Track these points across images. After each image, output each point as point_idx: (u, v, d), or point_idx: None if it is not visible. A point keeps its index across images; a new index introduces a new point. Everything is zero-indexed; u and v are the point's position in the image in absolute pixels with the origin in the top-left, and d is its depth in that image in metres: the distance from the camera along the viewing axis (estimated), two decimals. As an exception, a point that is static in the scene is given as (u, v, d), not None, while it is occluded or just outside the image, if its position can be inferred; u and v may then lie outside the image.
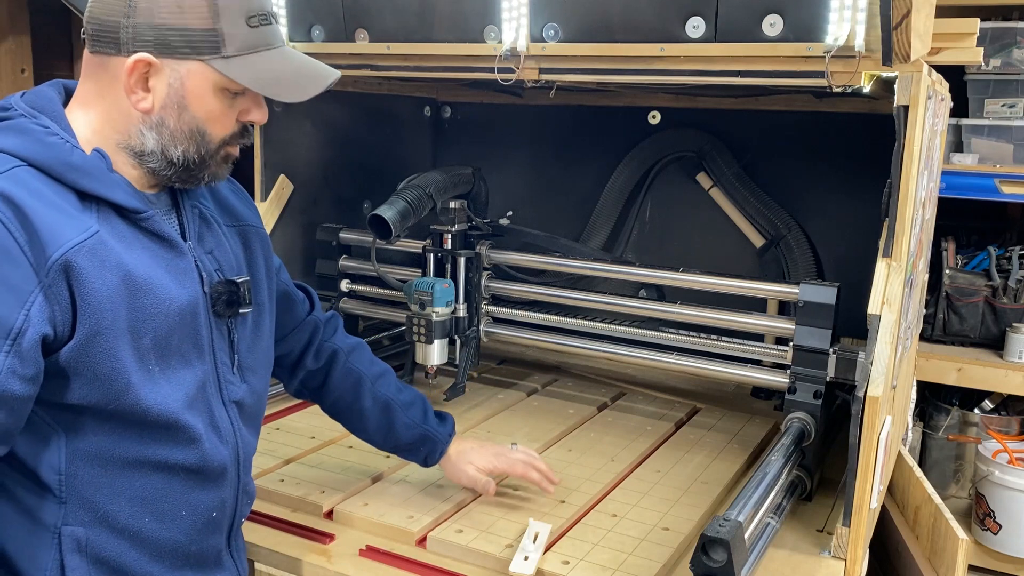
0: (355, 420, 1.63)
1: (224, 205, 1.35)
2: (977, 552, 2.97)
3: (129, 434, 1.15)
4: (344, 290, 2.45)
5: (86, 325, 1.07)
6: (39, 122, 1.12)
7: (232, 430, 1.28)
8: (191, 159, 1.18)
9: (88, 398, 1.10)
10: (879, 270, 1.55)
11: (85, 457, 1.13)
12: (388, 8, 1.88)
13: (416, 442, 1.63)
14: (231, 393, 1.28)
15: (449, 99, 2.87)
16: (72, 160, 1.10)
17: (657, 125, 2.58)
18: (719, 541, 1.20)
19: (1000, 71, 3.07)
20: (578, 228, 2.66)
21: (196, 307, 1.21)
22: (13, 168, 1.07)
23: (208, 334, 1.24)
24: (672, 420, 2.17)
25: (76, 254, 1.06)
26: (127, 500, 1.16)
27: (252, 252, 1.36)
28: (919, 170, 1.59)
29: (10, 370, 1.02)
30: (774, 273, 2.44)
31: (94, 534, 1.15)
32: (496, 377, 2.48)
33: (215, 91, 1.16)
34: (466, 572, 1.47)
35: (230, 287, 1.26)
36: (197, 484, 1.23)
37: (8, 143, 1.09)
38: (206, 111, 1.17)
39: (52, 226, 1.05)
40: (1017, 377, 2.96)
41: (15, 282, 1.02)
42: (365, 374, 1.61)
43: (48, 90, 1.18)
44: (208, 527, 1.26)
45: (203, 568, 1.27)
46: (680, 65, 1.66)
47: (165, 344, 1.16)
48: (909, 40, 1.42)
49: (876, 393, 1.46)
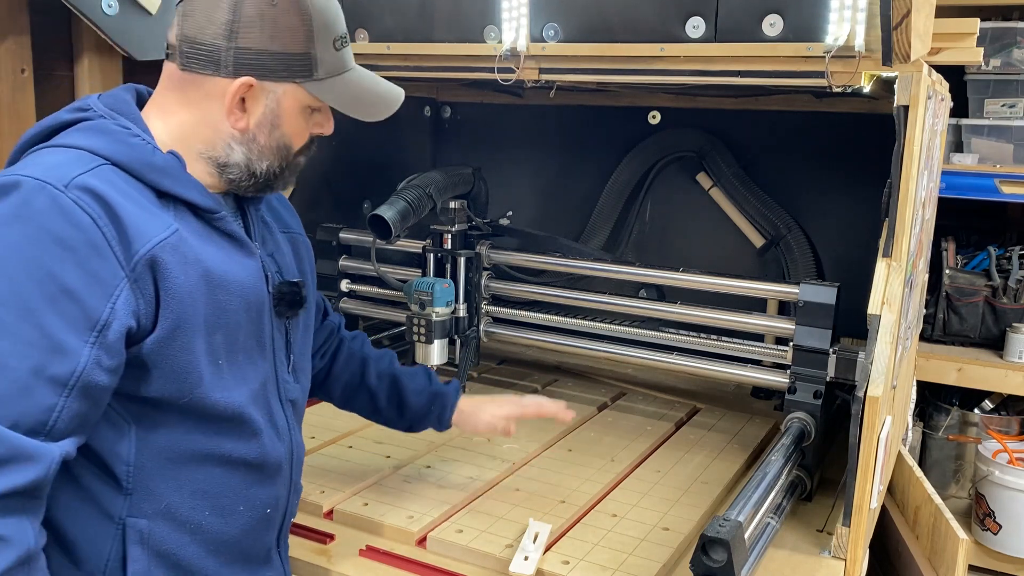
0: (366, 400, 1.66)
1: (274, 212, 1.40)
2: (977, 552, 2.97)
3: (197, 428, 1.18)
4: (344, 290, 2.45)
5: (168, 319, 1.10)
6: (119, 123, 1.15)
7: (288, 428, 1.32)
8: (273, 171, 1.25)
9: (163, 391, 1.13)
10: (879, 270, 1.55)
11: (154, 450, 1.16)
12: (388, 8, 1.88)
13: (428, 404, 1.66)
14: (288, 392, 1.32)
15: (449, 99, 2.87)
16: (154, 160, 1.13)
17: (657, 125, 2.58)
18: (719, 541, 1.20)
19: (1000, 71, 3.07)
20: (578, 228, 2.66)
21: (263, 306, 1.25)
22: (99, 166, 1.10)
23: (270, 333, 1.28)
24: (672, 420, 2.17)
25: (161, 250, 1.09)
26: (189, 493, 1.19)
27: (301, 259, 1.41)
28: (919, 170, 1.59)
29: (96, 361, 1.05)
30: (774, 273, 2.44)
31: (156, 526, 1.17)
32: (496, 377, 2.48)
33: (302, 110, 1.22)
34: (466, 572, 1.47)
35: (292, 288, 1.30)
36: (255, 480, 1.26)
37: (92, 142, 1.12)
38: (293, 128, 1.23)
39: (138, 222, 1.08)
40: (1017, 377, 2.96)
41: (103, 276, 1.05)
42: (368, 355, 1.66)
43: (124, 93, 1.22)
44: (262, 523, 1.29)
45: (254, 564, 1.30)
46: (680, 65, 1.66)
47: (234, 340, 1.20)
48: (909, 40, 1.42)
49: (876, 393, 1.46)
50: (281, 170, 1.25)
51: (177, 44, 1.17)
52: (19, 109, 1.81)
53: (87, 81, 1.95)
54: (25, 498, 1.02)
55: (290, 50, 1.17)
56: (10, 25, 1.77)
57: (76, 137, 1.13)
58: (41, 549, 1.05)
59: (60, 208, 1.03)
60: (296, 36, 1.16)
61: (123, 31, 1.85)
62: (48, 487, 1.05)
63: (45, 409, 1.02)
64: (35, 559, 1.03)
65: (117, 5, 1.82)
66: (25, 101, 1.82)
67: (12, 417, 1.00)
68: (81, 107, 1.18)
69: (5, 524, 1.00)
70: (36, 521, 1.04)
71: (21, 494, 1.01)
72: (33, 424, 1.02)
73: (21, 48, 1.80)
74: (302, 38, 1.17)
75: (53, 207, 1.03)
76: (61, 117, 1.16)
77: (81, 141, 1.12)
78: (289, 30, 1.16)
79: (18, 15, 1.79)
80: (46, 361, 1.02)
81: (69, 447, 1.06)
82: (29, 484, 1.01)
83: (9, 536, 1.00)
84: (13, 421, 1.00)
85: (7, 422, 1.00)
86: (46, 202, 1.03)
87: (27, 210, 1.03)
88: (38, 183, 1.04)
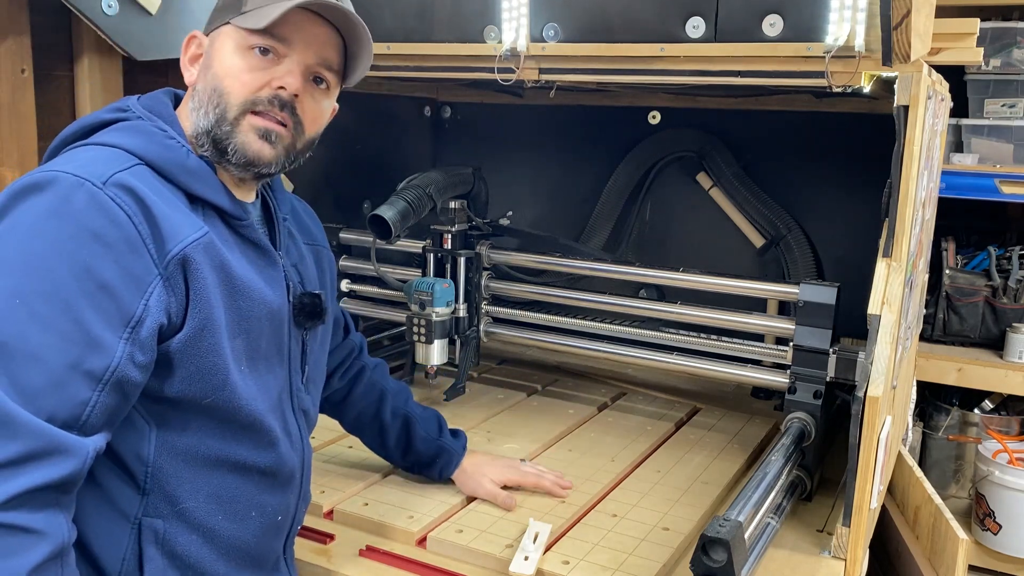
0: (375, 434, 1.70)
1: (301, 223, 1.41)
2: (977, 552, 2.97)
3: (216, 432, 1.19)
4: (344, 290, 2.45)
5: (196, 318, 1.11)
6: (156, 125, 1.17)
7: (300, 437, 1.33)
8: (211, 122, 1.17)
9: (187, 391, 1.14)
10: (879, 270, 1.55)
11: (172, 451, 1.16)
12: (388, 8, 1.88)
13: (432, 455, 1.70)
14: (301, 402, 1.33)
15: (449, 99, 2.87)
16: (188, 164, 1.15)
17: (657, 125, 2.58)
18: (719, 541, 1.20)
19: (1000, 71, 3.07)
20: (578, 228, 2.66)
21: (283, 315, 1.26)
22: (135, 165, 1.11)
23: (288, 343, 1.28)
24: (672, 420, 2.17)
25: (194, 250, 1.10)
26: (204, 497, 1.19)
27: (323, 271, 1.42)
28: (919, 170, 1.59)
29: (129, 357, 1.05)
30: (774, 273, 2.44)
31: (171, 527, 1.17)
32: (496, 377, 2.48)
33: (236, 49, 1.19)
34: (466, 572, 1.47)
35: (313, 299, 1.31)
36: (268, 487, 1.26)
37: (129, 142, 1.13)
38: (225, 67, 1.18)
39: (172, 221, 1.09)
40: (1017, 377, 2.96)
41: (137, 272, 1.06)
42: (387, 389, 1.69)
43: (162, 96, 1.24)
44: (272, 530, 1.29)
45: (263, 570, 1.30)
46: (680, 65, 1.66)
47: (255, 347, 1.21)
48: (909, 40, 1.42)
49: (876, 393, 1.46)
50: (220, 118, 1.17)
51: None
52: (19, 109, 1.80)
53: (87, 81, 1.94)
54: (59, 492, 1.02)
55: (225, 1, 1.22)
56: (10, 25, 1.77)
57: (114, 136, 1.14)
58: (72, 545, 1.05)
59: (98, 204, 1.04)
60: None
61: (123, 31, 1.85)
62: (81, 481, 1.05)
63: (79, 403, 1.03)
64: (67, 553, 1.04)
65: (117, 5, 1.82)
66: (25, 101, 1.82)
67: (48, 410, 1.01)
68: (121, 107, 1.20)
69: (40, 517, 1.00)
70: (69, 515, 1.05)
71: (56, 488, 1.01)
72: (68, 418, 1.02)
73: (21, 48, 1.80)
74: None
75: (91, 203, 1.04)
76: (101, 116, 1.18)
77: (119, 140, 1.13)
78: None
79: (18, 15, 1.79)
80: (82, 355, 1.02)
81: (100, 442, 1.06)
82: (65, 478, 1.01)
83: (44, 529, 1.00)
84: (49, 414, 1.01)
85: (44, 415, 1.00)
86: (84, 198, 1.04)
87: (66, 206, 1.04)
88: (76, 179, 1.05)
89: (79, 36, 1.92)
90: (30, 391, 1.00)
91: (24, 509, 0.98)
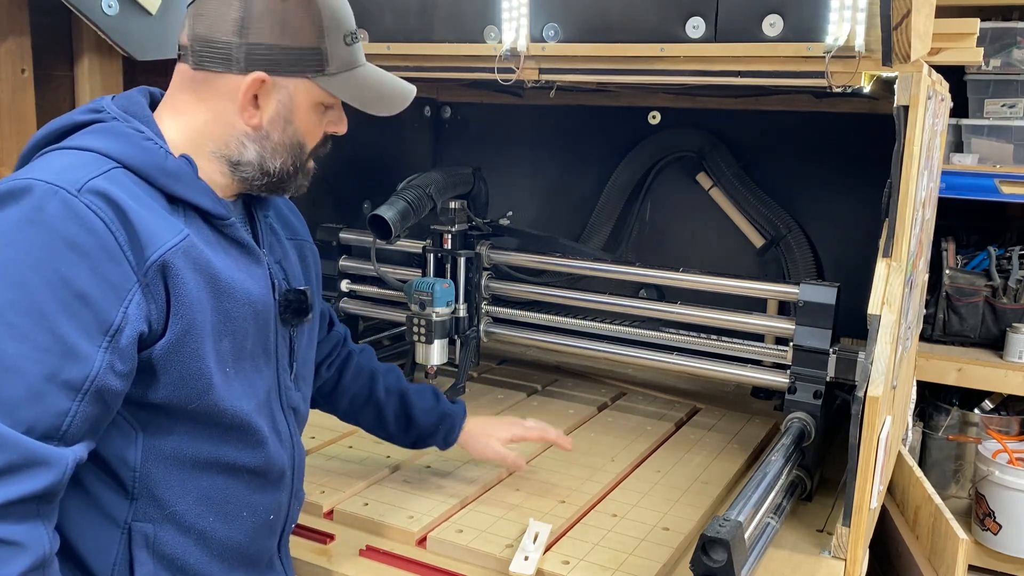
0: (373, 415, 1.67)
1: (284, 219, 1.40)
2: (977, 552, 2.97)
3: (203, 435, 1.18)
4: (344, 290, 2.45)
5: (178, 324, 1.10)
6: (132, 126, 1.14)
7: (290, 435, 1.32)
8: (287, 170, 1.24)
9: (171, 397, 1.13)
10: (879, 270, 1.55)
11: (159, 455, 1.16)
12: (388, 8, 1.88)
13: (435, 423, 1.68)
14: (290, 399, 1.32)
15: (449, 99, 2.87)
16: (166, 165, 1.13)
17: (657, 125, 2.58)
18: (719, 541, 1.21)
19: (1000, 71, 3.07)
20: (578, 228, 2.66)
21: (269, 314, 1.25)
22: (111, 169, 1.09)
23: (275, 341, 1.28)
24: (672, 420, 2.17)
25: (173, 255, 1.09)
26: (194, 499, 1.19)
27: (307, 266, 1.41)
28: (919, 170, 1.59)
29: (108, 366, 1.04)
30: (774, 273, 2.44)
31: (161, 531, 1.17)
32: (496, 377, 2.48)
33: (315, 106, 1.22)
34: (466, 572, 1.47)
35: (299, 296, 1.30)
36: (259, 487, 1.26)
37: (104, 145, 1.11)
38: (306, 125, 1.23)
39: (150, 227, 1.07)
40: (1017, 377, 2.96)
41: (115, 280, 1.04)
42: (376, 369, 1.67)
43: (138, 96, 1.21)
44: (264, 529, 1.29)
45: (257, 570, 1.30)
46: (680, 65, 1.66)
47: (241, 349, 1.20)
48: (909, 40, 1.42)
49: (876, 393, 1.46)
50: (295, 169, 1.24)
51: (189, 44, 1.17)
52: (19, 109, 1.81)
53: (87, 81, 1.95)
54: (40, 503, 1.02)
55: (301, 45, 1.17)
56: (10, 25, 1.77)
57: (89, 139, 1.12)
58: (55, 554, 1.04)
59: (73, 213, 1.03)
60: (306, 31, 1.17)
61: (123, 31, 1.85)
62: (62, 492, 1.05)
63: (58, 414, 1.02)
64: (49, 564, 1.03)
65: (117, 5, 1.82)
66: (25, 101, 1.82)
67: (26, 422, 1.00)
68: (95, 108, 1.17)
69: (21, 529, 1.00)
70: (50, 526, 1.04)
71: (36, 499, 1.01)
72: (47, 429, 1.01)
73: (21, 48, 1.80)
74: (312, 33, 1.17)
75: (66, 212, 1.03)
76: (74, 118, 1.16)
77: (94, 143, 1.11)
78: (299, 25, 1.16)
79: (18, 15, 1.79)
80: (60, 366, 1.01)
81: (81, 452, 1.05)
82: (44, 489, 1.01)
83: (24, 541, 1.00)
84: (28, 426, 1.00)
85: (21, 427, 0.99)
86: (58, 206, 1.03)
87: (40, 215, 1.02)
88: (51, 187, 1.03)
89: (79, 36, 1.93)
90: (7, 403, 0.99)
91: (4, 522, 0.98)
